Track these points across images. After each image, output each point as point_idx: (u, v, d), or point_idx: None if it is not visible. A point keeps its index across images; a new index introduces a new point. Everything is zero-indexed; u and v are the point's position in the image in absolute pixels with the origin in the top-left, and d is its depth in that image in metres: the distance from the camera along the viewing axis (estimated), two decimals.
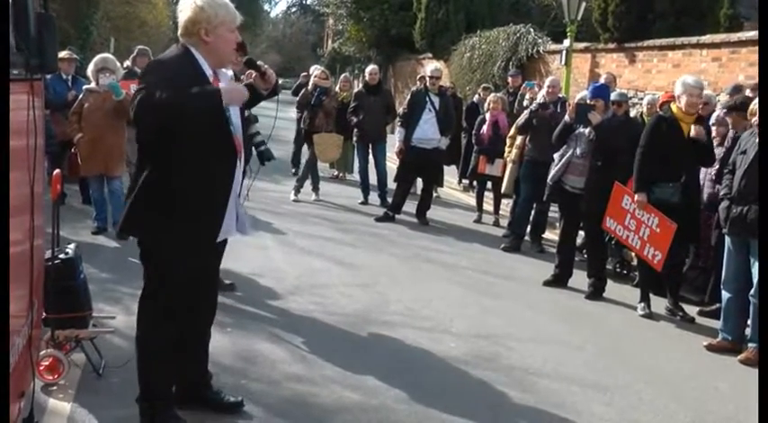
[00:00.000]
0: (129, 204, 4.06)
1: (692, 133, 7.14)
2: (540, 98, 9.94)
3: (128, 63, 12.08)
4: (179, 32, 4.10)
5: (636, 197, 7.31)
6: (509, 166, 10.61)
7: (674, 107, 7.30)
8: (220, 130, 4.01)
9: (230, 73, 4.27)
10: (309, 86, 12.42)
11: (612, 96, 8.20)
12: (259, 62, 4.38)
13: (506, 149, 10.73)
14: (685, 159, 7.27)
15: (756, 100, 6.41)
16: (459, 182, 14.99)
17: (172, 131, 3.82)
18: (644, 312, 7.36)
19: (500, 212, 11.51)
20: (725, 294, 6.55)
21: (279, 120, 5.49)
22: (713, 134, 7.76)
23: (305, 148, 12.71)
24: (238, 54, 4.28)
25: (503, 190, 10.97)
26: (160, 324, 4.12)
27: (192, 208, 3.94)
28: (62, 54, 10.37)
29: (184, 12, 4.03)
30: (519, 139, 10.34)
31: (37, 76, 3.45)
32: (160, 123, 3.77)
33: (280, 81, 4.61)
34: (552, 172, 8.15)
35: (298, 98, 12.20)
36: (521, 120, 9.85)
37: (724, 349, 6.45)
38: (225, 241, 4.39)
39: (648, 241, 7.31)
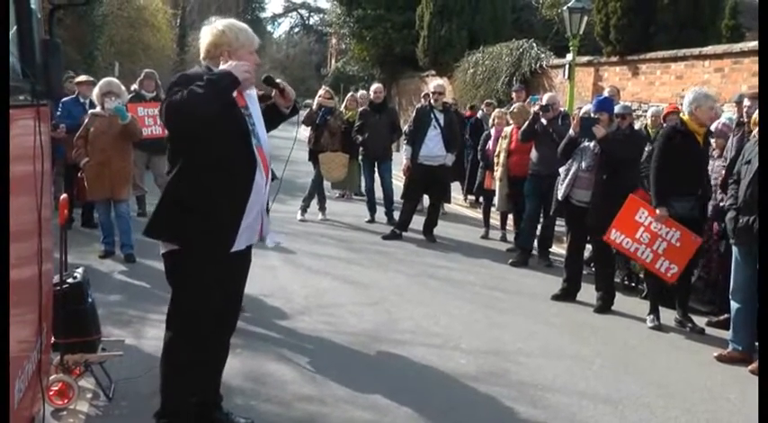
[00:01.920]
0: (156, 207, 4.24)
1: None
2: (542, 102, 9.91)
3: (135, 86, 12.13)
4: (201, 56, 4.28)
5: (657, 212, 7.24)
6: (497, 183, 10.66)
7: (685, 118, 7.25)
8: (240, 138, 4.10)
9: (254, 92, 4.35)
10: (314, 106, 12.48)
11: (616, 109, 8.18)
12: (278, 80, 4.46)
13: (494, 167, 10.81)
14: (701, 172, 7.25)
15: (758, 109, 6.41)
16: (465, 198, 15.01)
17: (193, 135, 3.98)
18: (653, 324, 7.34)
19: (507, 227, 11.49)
20: (734, 304, 6.52)
21: (278, 139, 5.51)
22: (713, 145, 7.75)
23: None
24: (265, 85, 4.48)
25: (496, 207, 11.04)
26: (183, 339, 4.18)
27: (207, 215, 4.03)
28: (81, 78, 10.48)
29: (205, 37, 4.22)
30: (502, 156, 10.41)
31: (43, 102, 3.47)
32: (184, 120, 3.92)
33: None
34: (561, 189, 8.09)
35: (302, 118, 12.27)
36: (524, 126, 9.84)
37: (734, 360, 6.42)
38: (248, 260, 4.44)
39: (664, 255, 7.26)
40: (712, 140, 7.79)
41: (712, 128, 7.85)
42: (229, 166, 4.05)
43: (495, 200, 10.98)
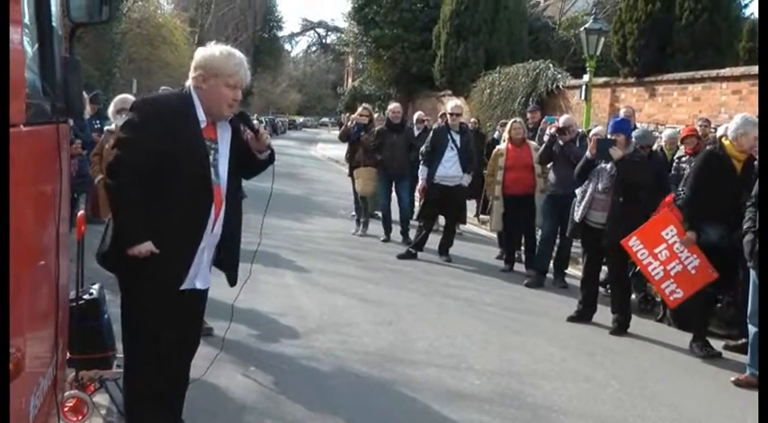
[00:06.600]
0: (104, 240, 4.12)
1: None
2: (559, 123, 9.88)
3: None
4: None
5: (687, 234, 7.15)
6: (494, 203, 10.63)
7: (726, 143, 7.10)
8: (198, 174, 3.92)
9: (228, 127, 4.11)
10: (349, 123, 12.78)
11: (636, 135, 8.11)
12: (255, 122, 4.21)
13: (487, 187, 10.87)
14: (737, 199, 7.16)
15: None
16: (477, 216, 14.91)
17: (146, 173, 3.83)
18: (704, 353, 7.14)
19: (521, 248, 11.44)
20: (751, 328, 6.44)
21: (295, 157, 5.54)
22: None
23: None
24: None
25: (491, 227, 11.01)
26: (140, 382, 4.09)
27: (159, 250, 3.85)
28: None
29: (198, 53, 4.05)
30: (499, 174, 10.37)
31: (63, 120, 3.50)
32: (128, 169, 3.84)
33: (300, 119, 4.57)
34: (578, 211, 8.07)
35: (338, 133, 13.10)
36: (541, 149, 9.83)
37: (752, 385, 6.33)
38: (200, 303, 4.31)
39: (674, 278, 7.21)
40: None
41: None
42: (184, 203, 3.88)
43: (491, 220, 10.95)
